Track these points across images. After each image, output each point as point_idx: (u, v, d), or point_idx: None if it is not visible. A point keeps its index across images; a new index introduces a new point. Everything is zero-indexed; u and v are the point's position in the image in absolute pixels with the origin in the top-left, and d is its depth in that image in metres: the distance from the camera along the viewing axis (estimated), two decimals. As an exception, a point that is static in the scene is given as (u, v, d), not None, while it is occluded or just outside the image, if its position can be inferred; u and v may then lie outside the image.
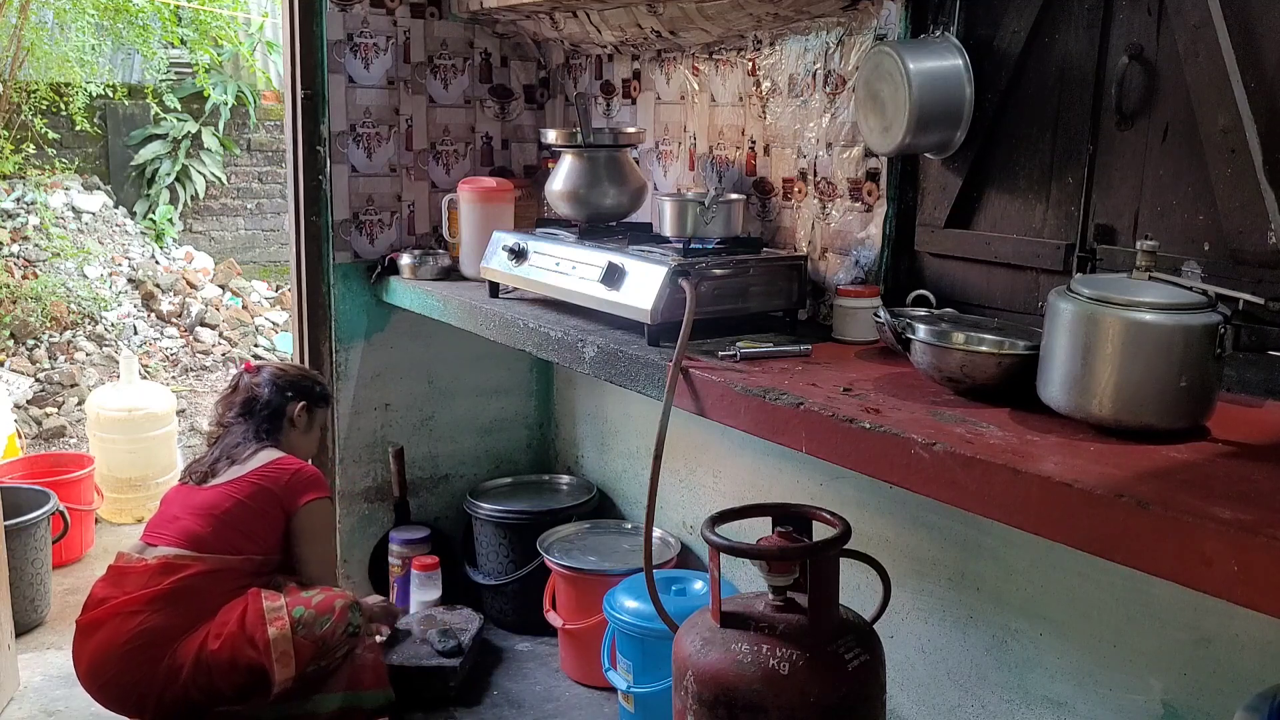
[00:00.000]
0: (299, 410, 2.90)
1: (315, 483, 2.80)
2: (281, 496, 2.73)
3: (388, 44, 3.30)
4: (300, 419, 2.91)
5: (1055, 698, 2.16)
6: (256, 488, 2.72)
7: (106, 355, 5.75)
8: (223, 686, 2.55)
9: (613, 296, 2.34)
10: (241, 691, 2.57)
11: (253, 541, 2.69)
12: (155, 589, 2.57)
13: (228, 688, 2.56)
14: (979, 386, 1.78)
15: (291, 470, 2.77)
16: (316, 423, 2.99)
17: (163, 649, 2.54)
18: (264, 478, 2.73)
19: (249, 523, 2.69)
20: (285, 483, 2.74)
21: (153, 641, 2.53)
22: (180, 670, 2.53)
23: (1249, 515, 1.22)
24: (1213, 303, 1.57)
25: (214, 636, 2.56)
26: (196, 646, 2.55)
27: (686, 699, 2.06)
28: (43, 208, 6.49)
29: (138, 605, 2.56)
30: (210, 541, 2.65)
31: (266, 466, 2.75)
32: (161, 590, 2.57)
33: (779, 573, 2.10)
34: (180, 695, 2.54)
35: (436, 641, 3.03)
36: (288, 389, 2.91)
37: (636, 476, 3.41)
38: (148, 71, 7.73)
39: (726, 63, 2.80)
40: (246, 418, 2.85)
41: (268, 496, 2.72)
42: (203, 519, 2.67)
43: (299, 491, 2.75)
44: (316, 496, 2.78)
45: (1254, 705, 1.52)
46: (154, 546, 2.65)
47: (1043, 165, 2.07)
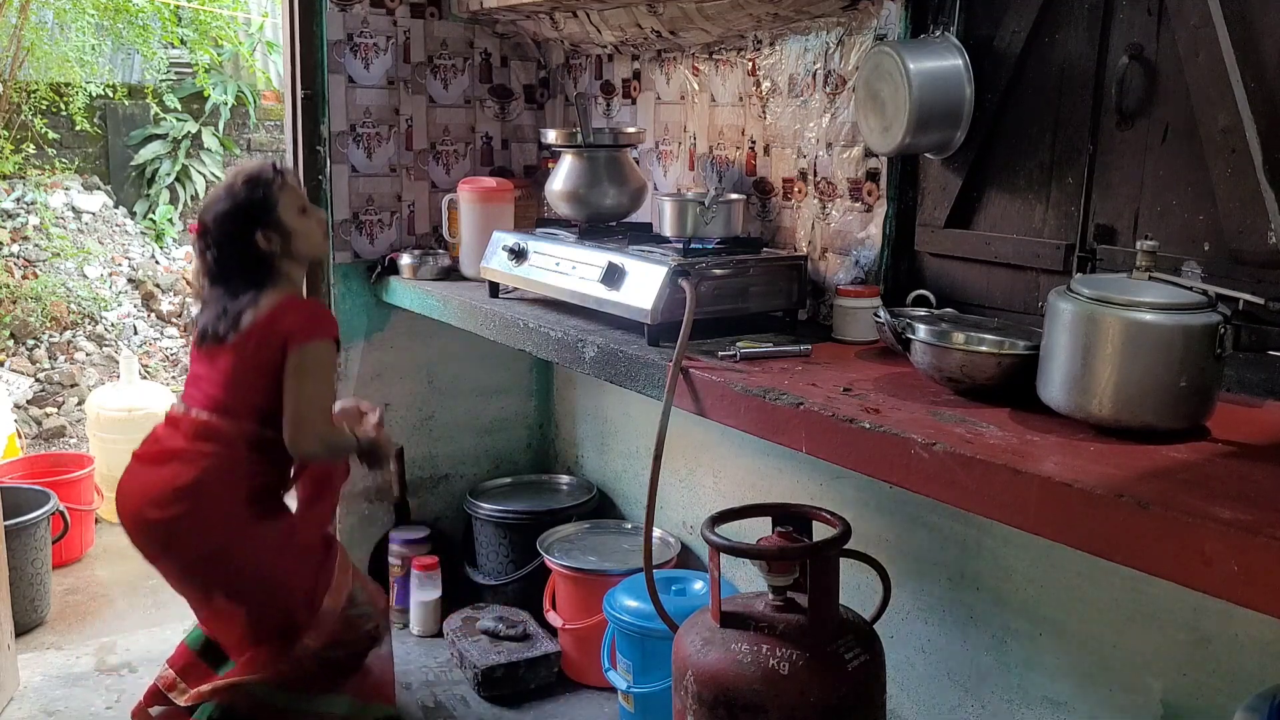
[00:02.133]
0: (263, 238, 2.44)
1: (309, 325, 2.44)
2: (281, 348, 2.40)
3: (388, 44, 3.30)
4: (271, 240, 2.44)
5: (1055, 698, 2.16)
6: (256, 345, 2.41)
7: (106, 355, 5.75)
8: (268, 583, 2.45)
9: (613, 296, 2.34)
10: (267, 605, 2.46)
11: (262, 403, 2.43)
12: (203, 444, 2.43)
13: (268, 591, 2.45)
14: (979, 386, 1.78)
15: (285, 315, 2.43)
16: (288, 217, 2.47)
17: (217, 504, 2.41)
18: (260, 335, 2.41)
19: (264, 383, 2.41)
20: (279, 335, 2.40)
21: (209, 492, 2.41)
22: (235, 537, 2.41)
23: (1249, 515, 1.22)
24: (1213, 303, 1.57)
25: (291, 533, 2.48)
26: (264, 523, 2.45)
27: (686, 699, 2.06)
28: (43, 208, 6.49)
29: (193, 455, 2.43)
30: (234, 406, 2.43)
31: (262, 321, 2.41)
32: (207, 449, 2.42)
33: (779, 573, 2.10)
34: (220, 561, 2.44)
35: (504, 631, 3.12)
36: (237, 227, 2.45)
37: (636, 476, 3.41)
38: (148, 71, 7.72)
39: (726, 63, 2.80)
40: (224, 279, 2.47)
41: (271, 354, 2.41)
42: (220, 382, 2.45)
43: (291, 336, 2.40)
44: (308, 340, 2.41)
45: (1254, 705, 1.52)
46: (191, 407, 2.48)
47: (1043, 165, 2.07)
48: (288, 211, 2.47)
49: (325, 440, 2.45)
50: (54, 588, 3.65)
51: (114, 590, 3.82)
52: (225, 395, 2.44)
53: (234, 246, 2.44)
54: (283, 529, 2.50)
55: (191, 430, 2.44)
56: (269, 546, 2.46)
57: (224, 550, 2.43)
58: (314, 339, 2.42)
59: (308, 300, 2.52)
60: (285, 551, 2.48)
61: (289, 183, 2.51)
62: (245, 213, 2.44)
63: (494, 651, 3.06)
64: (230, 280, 2.46)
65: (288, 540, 2.50)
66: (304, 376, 2.41)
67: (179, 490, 2.40)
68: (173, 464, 2.43)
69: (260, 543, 2.45)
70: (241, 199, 2.45)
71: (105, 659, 3.27)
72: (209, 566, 2.46)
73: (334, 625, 2.50)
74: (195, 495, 2.40)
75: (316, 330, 2.43)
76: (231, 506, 2.42)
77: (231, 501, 2.42)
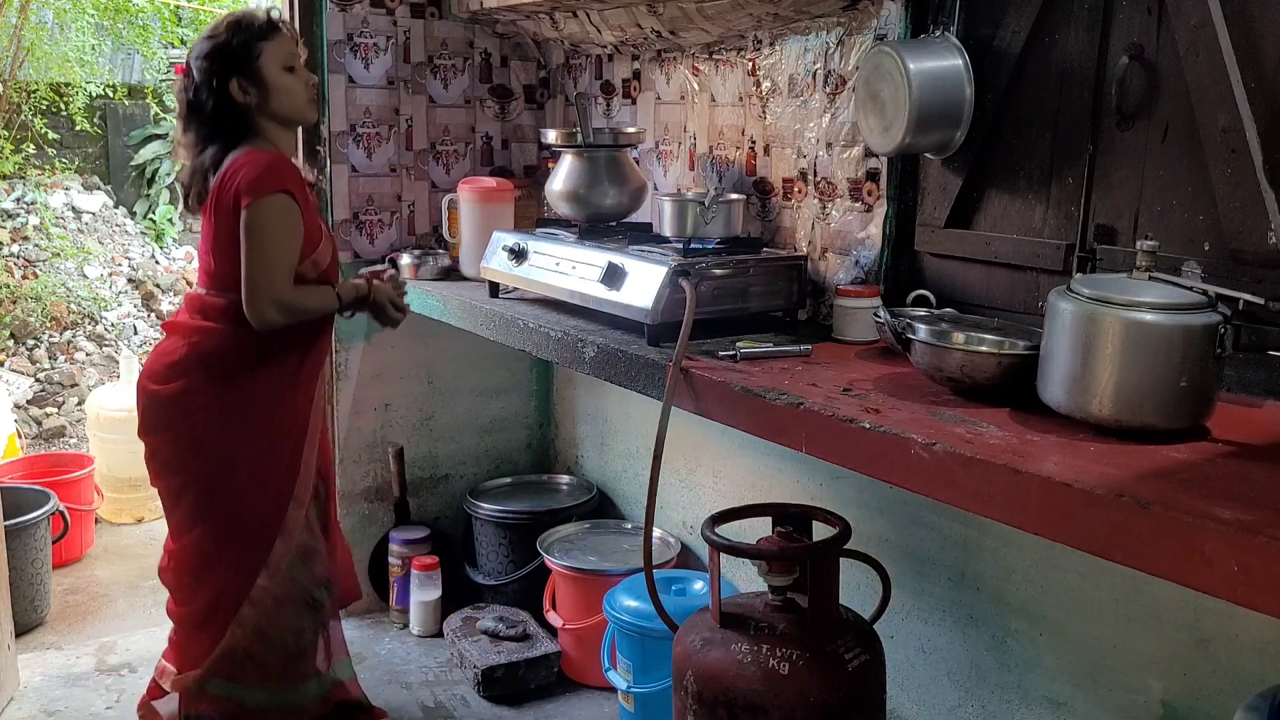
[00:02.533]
0: (237, 86, 2.31)
1: (257, 180, 2.27)
2: (236, 199, 2.28)
3: (388, 44, 3.30)
4: (248, 93, 2.32)
5: (1055, 698, 2.16)
6: (219, 208, 2.31)
7: (106, 355, 5.75)
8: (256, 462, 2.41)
9: (613, 296, 2.34)
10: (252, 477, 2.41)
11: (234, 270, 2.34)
12: (198, 319, 2.40)
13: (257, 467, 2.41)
14: (979, 386, 1.77)
15: (235, 175, 2.29)
16: (270, 71, 2.32)
17: (207, 382, 2.36)
18: (220, 196, 2.31)
19: (234, 251, 2.31)
20: (231, 194, 2.28)
21: (200, 368, 2.37)
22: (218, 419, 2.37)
23: (1249, 515, 1.22)
24: (1213, 303, 1.57)
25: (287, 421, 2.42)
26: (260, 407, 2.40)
27: (686, 699, 2.06)
28: (43, 208, 6.49)
29: (189, 329, 2.40)
30: (220, 279, 2.36)
31: (219, 181, 2.31)
32: (201, 324, 2.39)
33: (779, 573, 2.10)
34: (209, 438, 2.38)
35: (504, 631, 3.12)
36: (211, 71, 2.31)
37: (636, 476, 3.41)
38: (148, 71, 7.72)
39: (726, 63, 2.80)
40: (197, 126, 2.36)
41: (232, 218, 2.29)
42: (206, 253, 2.40)
43: (238, 196, 2.27)
44: (257, 196, 2.25)
45: (1254, 705, 1.52)
46: (197, 285, 2.46)
47: (1043, 165, 2.07)
48: (271, 65, 2.32)
49: (281, 303, 2.30)
50: (54, 588, 3.65)
51: (114, 590, 3.82)
52: (213, 267, 2.36)
53: (209, 92, 2.31)
54: (267, 415, 2.41)
55: (189, 305, 2.42)
56: (251, 433, 2.40)
57: (205, 435, 2.37)
58: (263, 194, 2.25)
59: (264, 153, 2.32)
60: (263, 439, 2.40)
61: (281, 34, 2.36)
62: (222, 57, 2.30)
63: (494, 651, 3.06)
64: (202, 128, 2.34)
65: (268, 426, 2.41)
66: (251, 235, 2.26)
67: (172, 365, 2.37)
68: (173, 337, 2.42)
69: (241, 429, 2.38)
70: (221, 41, 2.31)
71: (105, 659, 3.28)
72: (190, 450, 2.40)
73: (286, 565, 2.44)
74: (187, 371, 2.36)
75: (264, 184, 2.26)
76: (220, 385, 2.35)
77: (220, 379, 2.35)
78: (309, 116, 2.45)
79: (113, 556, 4.10)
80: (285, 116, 2.38)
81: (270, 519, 2.44)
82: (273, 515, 2.44)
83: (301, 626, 2.53)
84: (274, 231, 2.29)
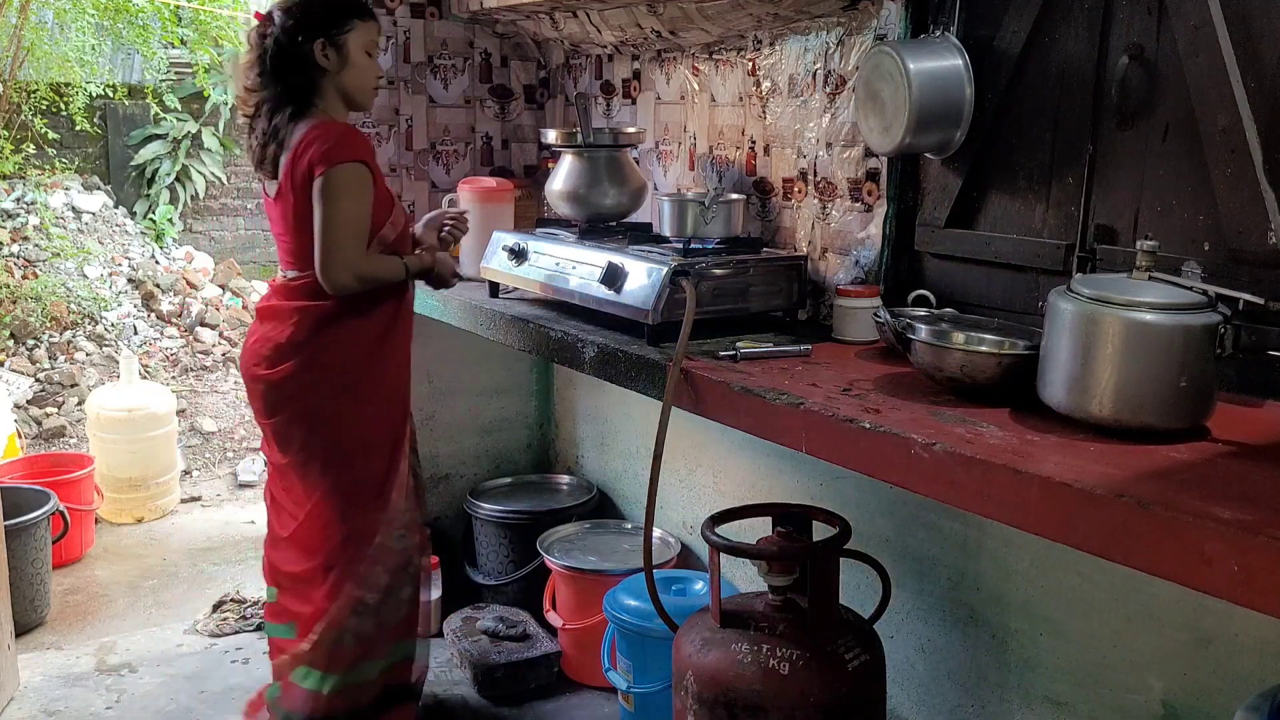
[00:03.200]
0: (321, 49, 2.34)
1: (332, 149, 2.29)
2: (310, 169, 2.30)
3: (388, 44, 3.30)
4: (329, 57, 2.35)
5: (1055, 698, 2.16)
6: (294, 183, 2.33)
7: (106, 355, 5.75)
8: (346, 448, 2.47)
9: (613, 296, 2.34)
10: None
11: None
12: (295, 301, 2.43)
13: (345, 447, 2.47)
14: (979, 386, 1.77)
15: (309, 148, 2.31)
16: (353, 48, 2.37)
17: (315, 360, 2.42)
18: (293, 171, 2.33)
19: (310, 225, 2.35)
20: (304, 166, 2.30)
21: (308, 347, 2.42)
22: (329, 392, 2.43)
23: (1249, 515, 1.22)
24: (1213, 303, 1.57)
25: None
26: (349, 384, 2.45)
27: (686, 699, 2.06)
28: (43, 208, 6.49)
29: (288, 312, 2.44)
30: (303, 255, 2.40)
31: (293, 155, 2.32)
32: (299, 305, 2.42)
33: (779, 573, 2.10)
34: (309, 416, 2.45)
35: (504, 631, 3.12)
36: (300, 26, 2.34)
37: (636, 476, 3.41)
38: (148, 71, 7.72)
39: (726, 63, 2.80)
40: (271, 80, 2.37)
41: (308, 196, 2.33)
42: (286, 234, 2.42)
43: (312, 167, 2.29)
44: (331, 165, 2.28)
45: (1254, 705, 1.52)
46: (282, 269, 2.49)
47: (1043, 165, 2.07)
48: (356, 42, 2.37)
49: (355, 269, 2.34)
50: (54, 588, 3.65)
51: (114, 590, 3.82)
52: (294, 246, 2.41)
53: (291, 48, 2.33)
54: (371, 379, 2.48)
55: (281, 291, 2.47)
56: (359, 397, 2.46)
57: (320, 408, 2.45)
58: (337, 163, 2.29)
59: (335, 123, 2.37)
60: (372, 403, 2.48)
61: (373, 21, 2.42)
62: (316, 16, 2.34)
63: (494, 651, 3.06)
64: (275, 84, 2.35)
65: (373, 389, 2.49)
66: (325, 203, 2.29)
67: (278, 349, 2.43)
68: (269, 323, 2.47)
69: (350, 396, 2.45)
70: (319, 1, 2.36)
71: (105, 659, 3.28)
72: (307, 424, 2.46)
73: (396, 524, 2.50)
74: (292, 352, 2.42)
75: (339, 153, 2.30)
76: (324, 358, 2.43)
77: (323, 353, 2.43)
78: (370, 103, 2.52)
79: (113, 556, 4.10)
80: (352, 93, 2.42)
81: (383, 476, 2.52)
82: (385, 472, 2.52)
83: (402, 594, 2.57)
84: (349, 199, 2.32)
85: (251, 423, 5.41)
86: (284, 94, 2.36)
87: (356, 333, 2.46)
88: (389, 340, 2.52)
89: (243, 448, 5.27)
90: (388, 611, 2.53)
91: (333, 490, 2.48)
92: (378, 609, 2.50)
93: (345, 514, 2.48)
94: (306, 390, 2.45)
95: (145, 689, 3.09)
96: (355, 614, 2.48)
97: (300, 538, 2.53)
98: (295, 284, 2.44)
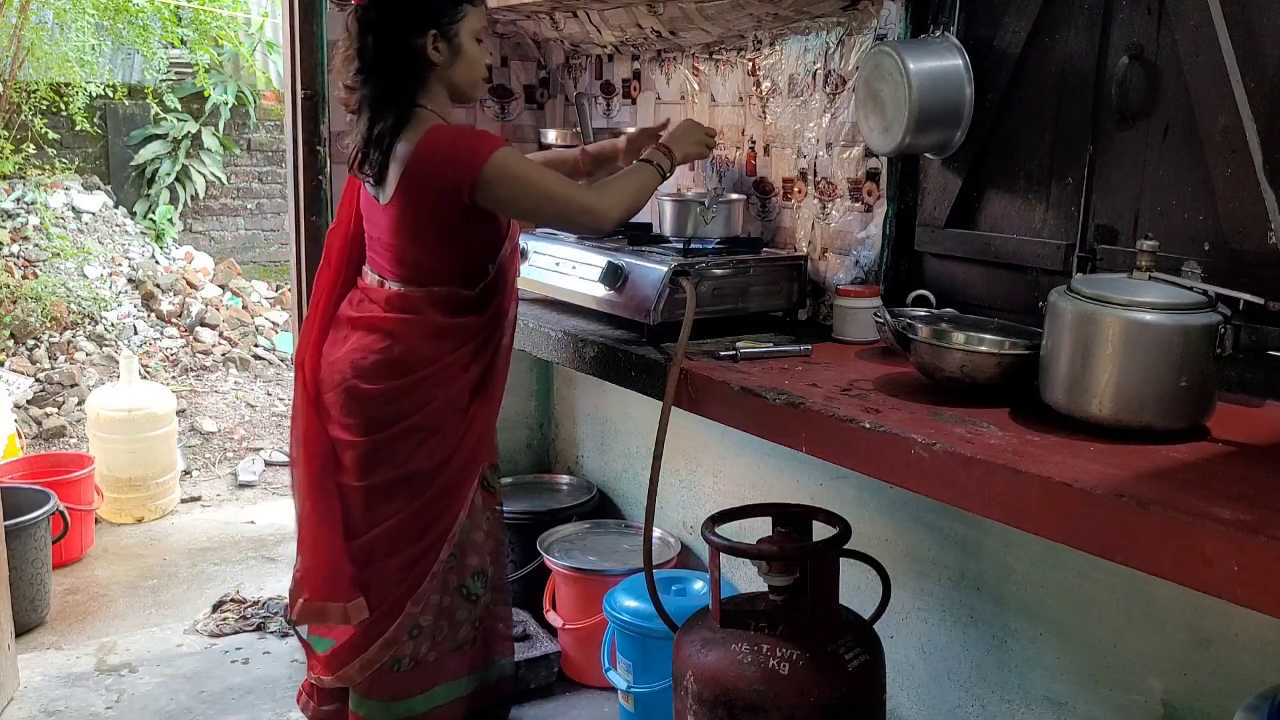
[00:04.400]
0: (432, 42, 2.13)
1: (476, 147, 2.10)
2: (454, 180, 2.10)
3: (388, 44, 3.29)
4: (440, 50, 2.13)
5: (1055, 698, 2.16)
6: (416, 192, 2.14)
7: (106, 355, 5.75)
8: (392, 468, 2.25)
9: (613, 296, 2.34)
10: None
11: (440, 259, 2.21)
12: (401, 315, 2.23)
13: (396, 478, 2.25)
14: (979, 386, 1.77)
15: (433, 158, 2.12)
16: (465, 37, 2.16)
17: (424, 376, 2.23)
18: (417, 179, 2.12)
19: (444, 239, 2.19)
20: (444, 176, 2.11)
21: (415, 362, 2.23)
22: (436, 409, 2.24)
23: (1249, 515, 1.22)
24: (1213, 303, 1.57)
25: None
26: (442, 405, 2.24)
27: (686, 699, 2.06)
28: (43, 208, 6.49)
29: (394, 326, 2.24)
30: (420, 272, 2.22)
31: (412, 163, 2.11)
32: (403, 319, 2.23)
33: (779, 573, 2.10)
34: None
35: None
36: (410, 17, 2.12)
37: (636, 476, 3.41)
38: (148, 71, 7.72)
39: (726, 63, 2.80)
40: (373, 77, 2.15)
41: (442, 207, 2.14)
42: (397, 244, 2.22)
43: (464, 172, 2.09)
44: (487, 157, 2.08)
45: (1254, 705, 1.52)
46: (384, 278, 2.27)
47: (1043, 165, 2.07)
48: (469, 29, 2.16)
49: (601, 208, 2.17)
50: (54, 588, 3.65)
51: (114, 590, 3.82)
52: (407, 257, 2.21)
53: (399, 38, 2.12)
54: (475, 396, 2.29)
55: (386, 302, 2.25)
56: (461, 415, 2.27)
57: (426, 424, 2.24)
58: (487, 156, 2.08)
59: (453, 127, 2.18)
60: (471, 421, 2.29)
61: (483, 3, 2.21)
62: (429, 5, 2.12)
63: (494, 651, 3.06)
64: (376, 79, 2.14)
65: (476, 406, 2.30)
66: (517, 195, 2.12)
67: (380, 364, 2.22)
68: (372, 334, 2.25)
69: (453, 413, 2.27)
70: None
71: (105, 659, 3.27)
72: (412, 442, 2.26)
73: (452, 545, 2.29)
74: (399, 369, 2.22)
75: (482, 148, 2.10)
76: (431, 374, 2.23)
77: (428, 368, 2.23)
78: (479, 93, 2.31)
79: (113, 556, 4.10)
80: (463, 87, 2.22)
81: (456, 499, 2.32)
82: (459, 494, 2.32)
83: (458, 617, 2.35)
84: (524, 174, 2.13)
85: (251, 423, 5.42)
86: (388, 94, 2.14)
87: (464, 352, 2.28)
88: (496, 357, 2.35)
89: (242, 448, 5.27)
90: (444, 636, 2.35)
91: (425, 504, 2.29)
92: (428, 632, 2.32)
93: (421, 532, 2.30)
94: (418, 409, 2.24)
95: (145, 689, 3.09)
96: (412, 637, 2.30)
97: (354, 555, 2.33)
98: (400, 294, 2.24)
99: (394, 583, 2.31)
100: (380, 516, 2.30)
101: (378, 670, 2.31)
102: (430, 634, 2.33)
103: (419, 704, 2.35)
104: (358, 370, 2.25)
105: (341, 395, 2.27)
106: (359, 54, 2.15)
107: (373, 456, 2.27)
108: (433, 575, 2.30)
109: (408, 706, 2.34)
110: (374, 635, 2.31)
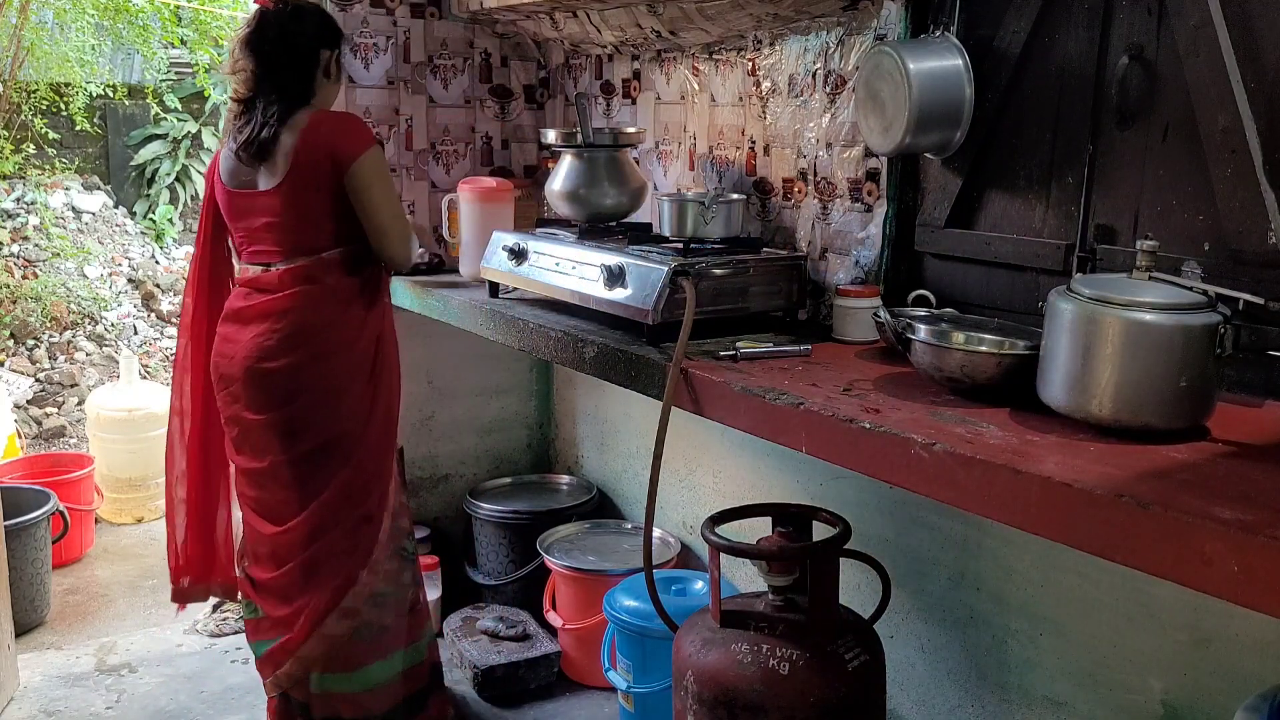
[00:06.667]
0: (333, 60, 2.51)
1: (355, 137, 2.41)
2: (330, 165, 2.38)
3: (388, 44, 3.30)
4: (334, 68, 2.52)
5: (1055, 698, 2.16)
6: (304, 171, 2.38)
7: (106, 355, 5.75)
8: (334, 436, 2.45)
9: (613, 296, 2.34)
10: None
11: (329, 226, 2.43)
12: (297, 287, 2.42)
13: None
14: (979, 386, 1.77)
15: (317, 138, 2.38)
16: (342, 67, 2.60)
17: (327, 339, 2.44)
18: (303, 160, 2.37)
19: (328, 204, 2.41)
20: (325, 155, 2.38)
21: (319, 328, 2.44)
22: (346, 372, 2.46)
23: (1249, 515, 1.22)
24: (1213, 303, 1.57)
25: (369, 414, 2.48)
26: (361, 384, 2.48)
27: (686, 699, 2.06)
28: (43, 208, 6.49)
29: (290, 302, 2.43)
30: (309, 241, 2.42)
31: (301, 145, 2.37)
32: (302, 290, 2.43)
33: (779, 573, 2.10)
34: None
35: (504, 631, 3.12)
36: (318, 35, 2.47)
37: (636, 476, 3.41)
38: (148, 71, 7.72)
39: (726, 63, 2.80)
40: (274, 70, 2.41)
41: (322, 174, 2.39)
42: (280, 225, 2.42)
43: (339, 152, 2.37)
44: (361, 151, 2.39)
45: (1254, 705, 1.52)
46: (271, 262, 2.45)
47: (1043, 165, 2.07)
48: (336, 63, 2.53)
49: (411, 244, 2.50)
50: (54, 588, 3.65)
51: (114, 590, 3.82)
52: (295, 234, 2.42)
53: (306, 46, 2.44)
54: (380, 358, 2.52)
55: (278, 281, 2.43)
56: (370, 378, 2.49)
57: (341, 389, 2.45)
58: (366, 147, 2.40)
59: (337, 113, 2.52)
60: (381, 384, 2.52)
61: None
62: (333, 29, 2.50)
63: (494, 651, 3.06)
64: (274, 77, 2.40)
65: (381, 368, 2.52)
66: (377, 184, 2.41)
67: (287, 337, 2.41)
68: (272, 317, 2.43)
69: (364, 376, 2.48)
70: (329, 18, 2.53)
71: (105, 659, 3.28)
72: (326, 408, 2.45)
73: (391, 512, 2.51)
74: (306, 337, 2.42)
75: (363, 137, 2.42)
76: (338, 341, 2.44)
77: (341, 336, 2.45)
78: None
79: (113, 556, 4.10)
80: (327, 105, 2.54)
81: (385, 463, 2.54)
82: (387, 459, 2.54)
83: (404, 579, 2.57)
84: (389, 179, 2.47)
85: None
86: (285, 94, 2.41)
87: (360, 311, 2.49)
88: (385, 317, 2.57)
89: (243, 448, 5.26)
90: (398, 599, 2.54)
91: (356, 470, 2.46)
92: (388, 597, 2.50)
93: (361, 497, 2.47)
94: (327, 373, 2.44)
95: (145, 689, 3.09)
96: (374, 604, 2.48)
97: (297, 534, 2.46)
98: (287, 271, 2.42)
99: (343, 552, 2.46)
100: (316, 488, 2.46)
101: (336, 642, 2.45)
102: (393, 600, 2.51)
103: (375, 672, 2.51)
104: (262, 351, 2.42)
105: (248, 376, 2.44)
106: (265, 47, 2.41)
107: (290, 426, 2.44)
108: (381, 544, 2.48)
109: (365, 675, 2.49)
110: (328, 609, 2.45)
